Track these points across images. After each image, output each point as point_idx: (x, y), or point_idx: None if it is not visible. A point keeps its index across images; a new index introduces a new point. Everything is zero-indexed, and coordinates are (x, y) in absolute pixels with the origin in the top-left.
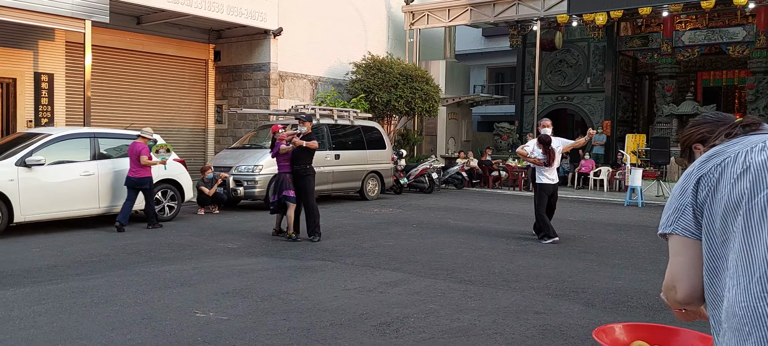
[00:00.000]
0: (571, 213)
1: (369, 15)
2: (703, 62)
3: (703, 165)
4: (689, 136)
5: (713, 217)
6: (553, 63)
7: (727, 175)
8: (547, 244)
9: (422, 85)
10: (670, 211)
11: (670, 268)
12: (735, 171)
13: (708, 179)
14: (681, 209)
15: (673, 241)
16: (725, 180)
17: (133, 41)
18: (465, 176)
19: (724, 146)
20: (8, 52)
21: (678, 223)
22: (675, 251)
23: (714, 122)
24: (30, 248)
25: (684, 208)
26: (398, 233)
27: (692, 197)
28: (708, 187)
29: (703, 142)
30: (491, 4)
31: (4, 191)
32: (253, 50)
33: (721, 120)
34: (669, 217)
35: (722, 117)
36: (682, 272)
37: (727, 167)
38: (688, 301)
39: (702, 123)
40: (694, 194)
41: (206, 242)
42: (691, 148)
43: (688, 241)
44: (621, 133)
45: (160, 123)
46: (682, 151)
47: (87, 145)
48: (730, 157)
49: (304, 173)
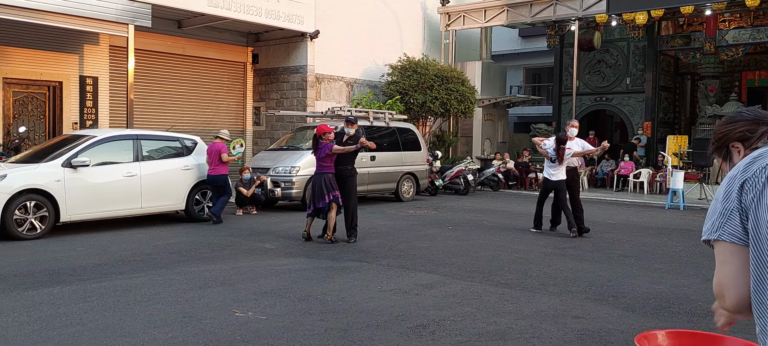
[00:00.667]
0: (610, 216)
1: (405, 16)
2: (748, 62)
3: (748, 168)
4: (726, 134)
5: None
6: (591, 63)
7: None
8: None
9: (458, 86)
10: (715, 216)
11: (717, 276)
12: None
13: (753, 183)
14: (726, 214)
15: (719, 247)
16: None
17: (174, 45)
18: (501, 177)
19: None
20: (55, 56)
21: (724, 228)
22: (722, 259)
23: (753, 120)
24: (75, 247)
25: (729, 212)
26: (433, 234)
27: (737, 201)
28: (753, 191)
29: (743, 140)
30: (528, 4)
31: (51, 192)
32: (290, 53)
33: (761, 118)
34: (714, 222)
35: (761, 115)
36: (731, 280)
37: None
38: (738, 309)
39: (739, 120)
40: (739, 198)
41: (245, 242)
42: (729, 146)
43: (734, 247)
44: (662, 134)
45: (199, 125)
46: (717, 149)
47: (130, 147)
48: None
49: (348, 173)
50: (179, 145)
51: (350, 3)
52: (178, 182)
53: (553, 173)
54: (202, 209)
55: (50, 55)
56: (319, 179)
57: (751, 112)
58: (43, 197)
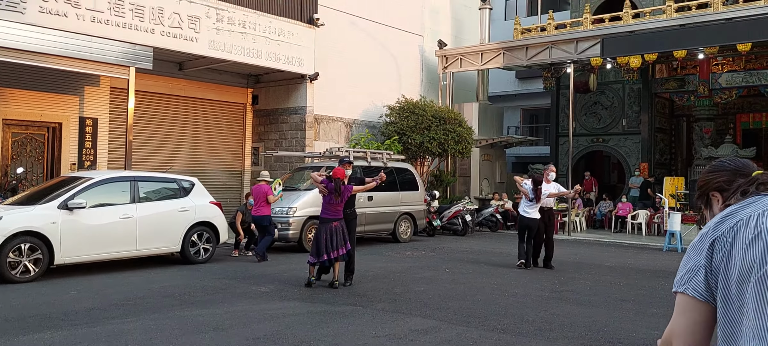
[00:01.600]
0: (607, 258)
1: (403, 59)
2: (742, 104)
3: (718, 227)
4: (707, 183)
5: (729, 282)
6: (587, 105)
7: (739, 239)
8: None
9: (455, 127)
10: (684, 270)
11: (671, 325)
12: (747, 236)
13: (722, 243)
14: (694, 270)
15: (680, 299)
16: (738, 245)
17: (174, 86)
18: (499, 218)
19: (737, 207)
20: (56, 97)
21: (689, 283)
22: (680, 310)
23: (732, 171)
24: (68, 290)
25: (697, 269)
26: (430, 277)
27: (707, 259)
28: (722, 251)
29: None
30: (524, 48)
31: (46, 234)
32: (290, 94)
33: (740, 170)
34: (682, 276)
35: (741, 165)
36: (682, 332)
37: (740, 231)
38: None
39: (720, 170)
40: (709, 256)
41: (239, 285)
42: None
43: (694, 303)
44: (658, 175)
45: (197, 165)
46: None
47: (127, 189)
48: (742, 219)
49: (351, 216)
50: (176, 187)
51: (350, 46)
52: (175, 224)
53: (529, 211)
54: (198, 251)
55: (50, 96)
56: (332, 227)
57: (733, 163)
58: (37, 239)
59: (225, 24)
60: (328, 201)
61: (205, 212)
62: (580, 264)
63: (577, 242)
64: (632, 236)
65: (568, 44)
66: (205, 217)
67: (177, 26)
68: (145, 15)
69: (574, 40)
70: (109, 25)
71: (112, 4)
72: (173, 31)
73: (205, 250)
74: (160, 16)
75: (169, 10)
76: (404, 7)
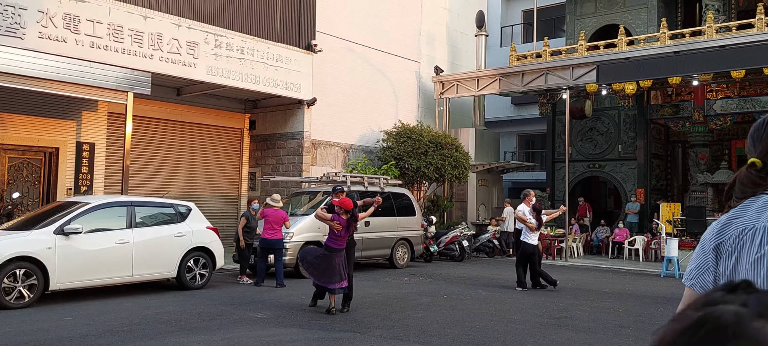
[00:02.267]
0: (605, 284)
1: (400, 85)
2: (737, 130)
3: (723, 230)
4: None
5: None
6: (583, 131)
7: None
8: (519, 291)
9: (452, 152)
10: (693, 265)
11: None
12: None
13: (727, 253)
14: (702, 269)
15: (688, 292)
16: (743, 263)
17: (172, 111)
18: (496, 243)
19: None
20: (53, 122)
21: (697, 280)
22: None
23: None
24: (63, 316)
25: (706, 269)
26: (428, 303)
27: (712, 262)
28: (727, 262)
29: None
30: (520, 74)
31: (42, 259)
32: (287, 119)
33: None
34: (691, 271)
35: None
36: None
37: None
38: None
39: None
40: (715, 260)
41: (235, 311)
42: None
43: None
44: (654, 201)
45: (194, 190)
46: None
47: (123, 214)
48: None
49: (351, 243)
50: (173, 212)
51: (347, 71)
52: (171, 249)
53: (534, 238)
54: (194, 276)
55: (48, 121)
56: (333, 256)
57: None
58: (33, 264)
59: (223, 50)
60: (336, 233)
61: (201, 237)
62: (578, 290)
63: (575, 268)
64: (629, 261)
65: (563, 71)
66: (201, 242)
67: (176, 52)
68: (144, 41)
69: (570, 67)
70: (108, 51)
71: (112, 30)
72: (172, 57)
73: (202, 276)
74: (159, 42)
75: (168, 36)
76: (401, 34)
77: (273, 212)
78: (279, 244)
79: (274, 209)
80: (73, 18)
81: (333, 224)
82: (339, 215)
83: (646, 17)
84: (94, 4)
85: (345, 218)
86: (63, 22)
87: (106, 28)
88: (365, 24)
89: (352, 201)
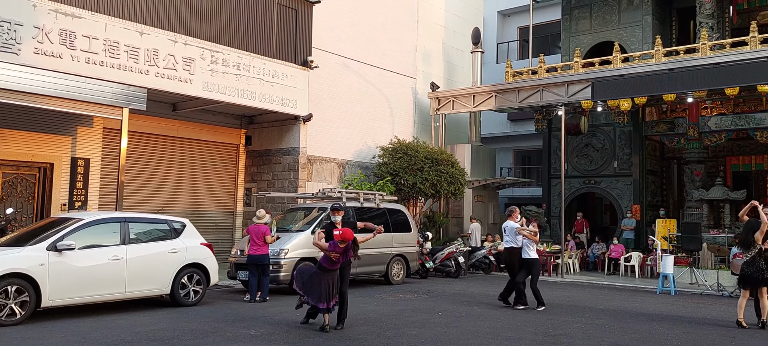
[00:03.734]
0: (601, 301)
1: (396, 101)
2: (732, 147)
3: None
4: None
5: None
6: (579, 147)
7: None
8: (541, 310)
9: (448, 168)
10: None
11: None
12: None
13: None
14: None
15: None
16: None
17: (168, 127)
18: (492, 259)
19: None
20: (48, 137)
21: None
22: None
23: None
24: (54, 334)
25: None
26: (423, 321)
27: None
28: None
29: None
30: (516, 90)
31: (34, 276)
32: (283, 135)
33: None
34: None
35: None
36: None
37: None
38: None
39: None
40: None
41: (229, 328)
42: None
43: None
44: (650, 217)
45: (189, 206)
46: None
47: (117, 230)
48: None
49: (347, 260)
50: (167, 228)
51: (343, 87)
52: (165, 266)
53: (532, 250)
54: (188, 293)
55: (43, 136)
56: (325, 275)
57: None
58: (25, 281)
59: (219, 66)
60: (331, 259)
61: (195, 253)
62: (573, 307)
63: (571, 285)
64: (625, 278)
65: (559, 87)
66: (195, 258)
67: (172, 68)
68: (139, 57)
69: (565, 83)
70: (104, 66)
71: (108, 46)
72: (168, 73)
73: (196, 292)
74: (155, 57)
75: (164, 52)
76: (397, 50)
77: (255, 227)
78: (265, 259)
79: (256, 225)
80: (69, 34)
81: (332, 254)
82: (336, 245)
83: (640, 35)
84: (90, 20)
85: (342, 249)
86: (59, 38)
87: (102, 43)
88: (361, 40)
89: (352, 234)
